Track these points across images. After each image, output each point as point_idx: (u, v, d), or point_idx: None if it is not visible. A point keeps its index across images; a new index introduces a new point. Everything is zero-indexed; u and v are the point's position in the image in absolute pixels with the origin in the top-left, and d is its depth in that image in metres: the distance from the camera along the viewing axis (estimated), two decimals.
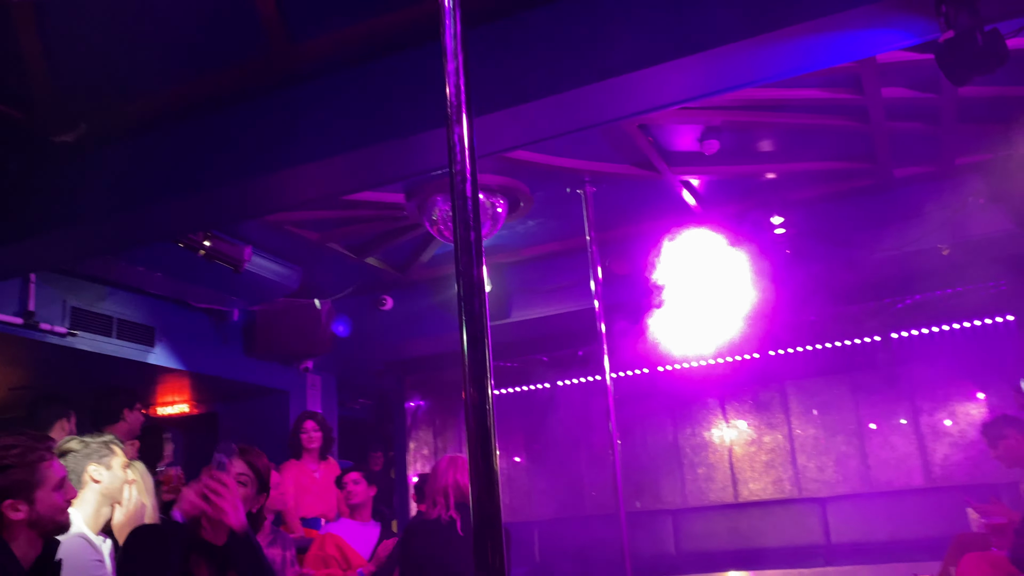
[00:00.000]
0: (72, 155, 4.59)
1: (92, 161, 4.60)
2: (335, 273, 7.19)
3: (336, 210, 5.93)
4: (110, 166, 4.57)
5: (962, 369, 8.82)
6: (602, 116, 3.97)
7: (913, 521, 8.33)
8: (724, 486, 9.78)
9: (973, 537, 5.36)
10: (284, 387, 7.95)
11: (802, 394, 9.74)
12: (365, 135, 3.89)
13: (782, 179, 6.16)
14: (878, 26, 3.33)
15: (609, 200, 6.00)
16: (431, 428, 11.36)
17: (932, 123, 5.35)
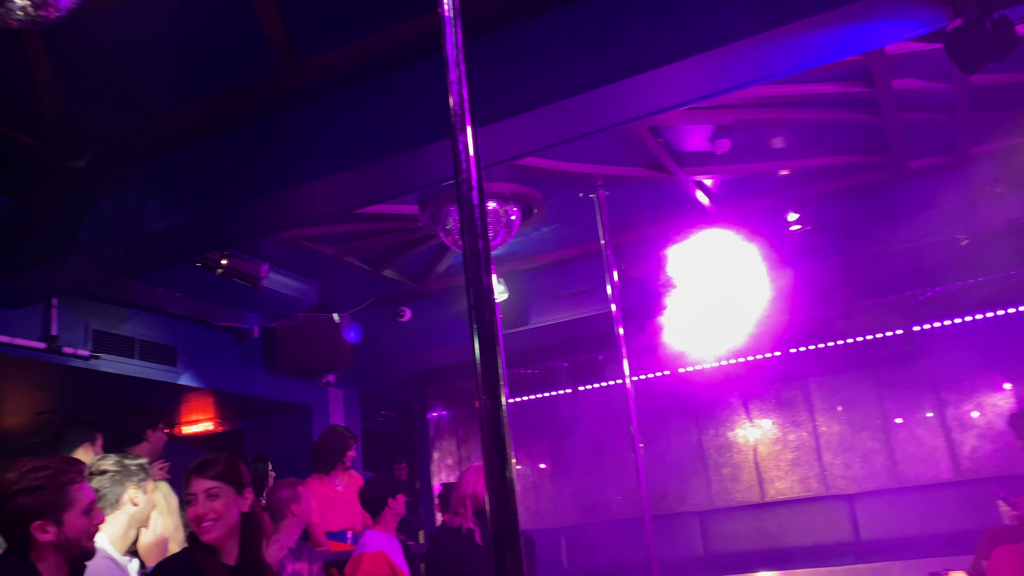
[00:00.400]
0: (88, 179, 4.65)
1: (108, 185, 4.66)
2: (353, 287, 7.22)
3: (351, 224, 5.96)
4: (125, 189, 4.63)
5: (987, 360, 8.72)
6: (610, 119, 3.98)
7: (943, 515, 8.23)
8: (750, 486, 9.71)
9: (1004, 530, 5.30)
10: (307, 402, 7.98)
11: (825, 391, 9.66)
12: (375, 148, 3.92)
13: (796, 175, 6.13)
14: (886, 17, 3.32)
15: (622, 203, 5.99)
16: (454, 438, 11.38)
17: (945, 113, 5.31)
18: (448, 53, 1.86)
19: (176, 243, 4.79)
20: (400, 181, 4.19)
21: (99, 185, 4.67)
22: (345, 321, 7.43)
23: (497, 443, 1.72)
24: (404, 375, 9.31)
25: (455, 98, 1.83)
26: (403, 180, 4.17)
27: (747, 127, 5.32)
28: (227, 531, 2.76)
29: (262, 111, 4.19)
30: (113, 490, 3.24)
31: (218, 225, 4.62)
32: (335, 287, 7.06)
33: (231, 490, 2.85)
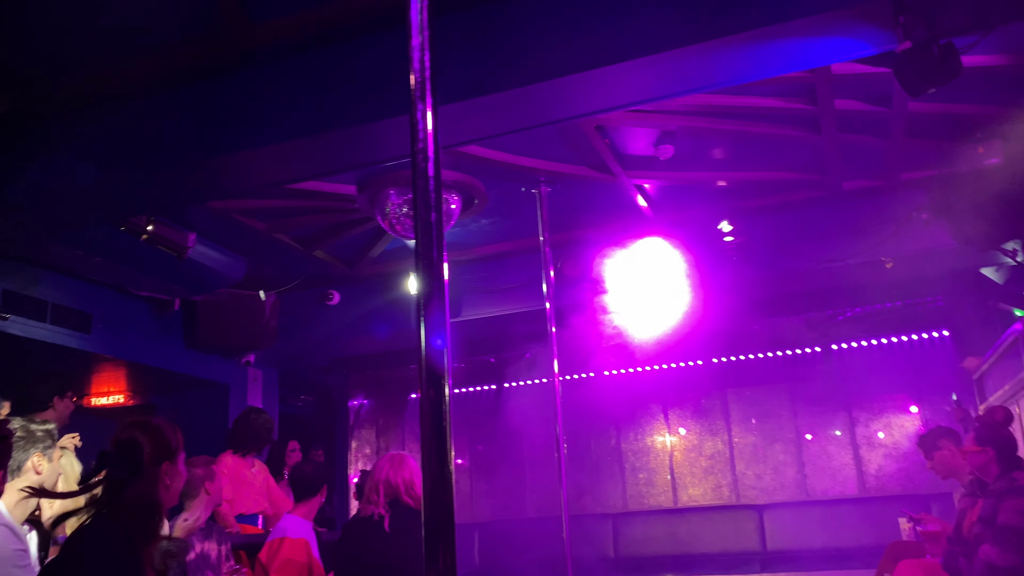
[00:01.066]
0: (9, 130, 4.41)
1: (31, 138, 4.43)
2: (281, 265, 7.04)
3: (285, 200, 5.80)
4: (50, 144, 4.41)
5: (898, 382, 9.04)
6: (562, 113, 3.97)
7: (847, 529, 8.48)
8: (664, 491, 9.86)
9: (907, 545, 5.47)
10: (224, 380, 7.76)
11: (743, 402, 9.87)
12: (318, 121, 3.82)
13: (733, 187, 6.23)
14: (837, 34, 3.38)
15: (563, 201, 5.99)
16: (374, 427, 11.23)
17: (881, 137, 5.45)
18: (412, 17, 1.79)
19: (101, 205, 4.60)
20: (342, 157, 4.09)
21: (21, 137, 4.43)
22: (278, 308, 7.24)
23: (437, 434, 1.66)
24: (327, 360, 9.14)
25: (416, 64, 1.77)
26: (345, 156, 4.06)
27: (691, 135, 5.38)
28: None
29: (203, 73, 4.03)
30: (16, 456, 3.06)
31: (147, 189, 4.44)
32: (263, 264, 6.87)
33: None
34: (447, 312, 1.73)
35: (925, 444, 5.43)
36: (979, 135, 5.16)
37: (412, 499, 3.81)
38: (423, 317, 1.70)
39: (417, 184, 1.74)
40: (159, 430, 2.65)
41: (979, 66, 4.39)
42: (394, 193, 5.46)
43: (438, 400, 1.69)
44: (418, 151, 1.74)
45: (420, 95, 1.76)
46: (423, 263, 1.71)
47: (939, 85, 3.20)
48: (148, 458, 2.56)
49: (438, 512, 1.63)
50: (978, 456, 4.45)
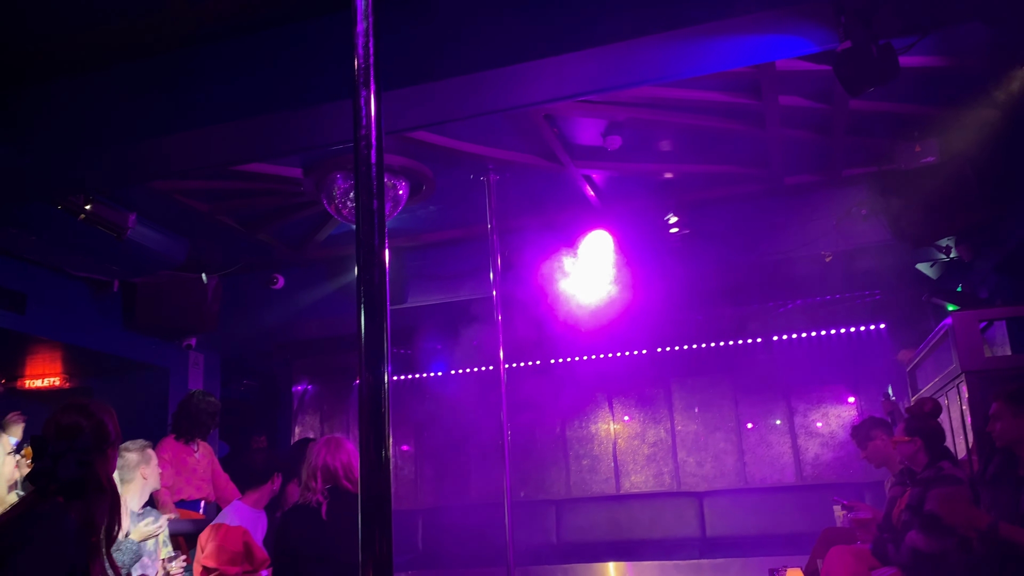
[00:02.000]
0: None
1: None
2: (225, 247, 6.92)
3: (229, 181, 5.71)
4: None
5: (836, 373, 9.28)
6: (507, 102, 3.98)
7: (784, 516, 8.69)
8: (607, 478, 9.98)
9: (839, 531, 5.63)
10: (164, 364, 7.62)
11: (685, 391, 10.02)
12: (264, 102, 3.76)
13: (679, 179, 6.30)
14: (780, 31, 3.44)
15: (511, 190, 6.00)
16: (318, 413, 11.15)
17: (823, 133, 5.57)
18: (357, 3, 1.78)
19: (37, 184, 4.47)
20: (285, 140, 4.04)
21: None
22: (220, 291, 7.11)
23: (375, 419, 1.67)
24: (270, 344, 9.03)
25: (360, 50, 1.76)
26: (291, 139, 4.01)
27: (638, 127, 5.42)
28: None
29: (145, 50, 3.94)
30: None
31: (85, 168, 4.33)
32: (205, 246, 6.75)
33: None
34: (387, 299, 1.73)
35: (858, 434, 5.59)
36: (916, 134, 5.31)
37: (351, 483, 3.77)
38: (362, 303, 1.70)
39: (360, 171, 1.74)
40: (98, 414, 2.61)
41: (917, 66, 4.50)
42: (340, 177, 5.41)
43: (376, 385, 1.69)
44: (360, 138, 1.74)
45: (364, 81, 1.75)
46: (364, 250, 1.71)
47: (877, 85, 3.28)
48: (92, 443, 2.53)
49: (375, 497, 1.63)
50: (907, 446, 4.60)
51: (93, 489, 2.50)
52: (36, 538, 2.33)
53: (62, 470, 2.47)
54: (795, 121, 5.41)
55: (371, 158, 1.73)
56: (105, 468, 2.57)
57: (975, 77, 4.78)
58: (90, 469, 2.51)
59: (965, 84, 4.86)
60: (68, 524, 2.38)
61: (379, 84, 1.75)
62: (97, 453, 2.54)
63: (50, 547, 2.32)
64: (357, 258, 1.71)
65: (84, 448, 2.51)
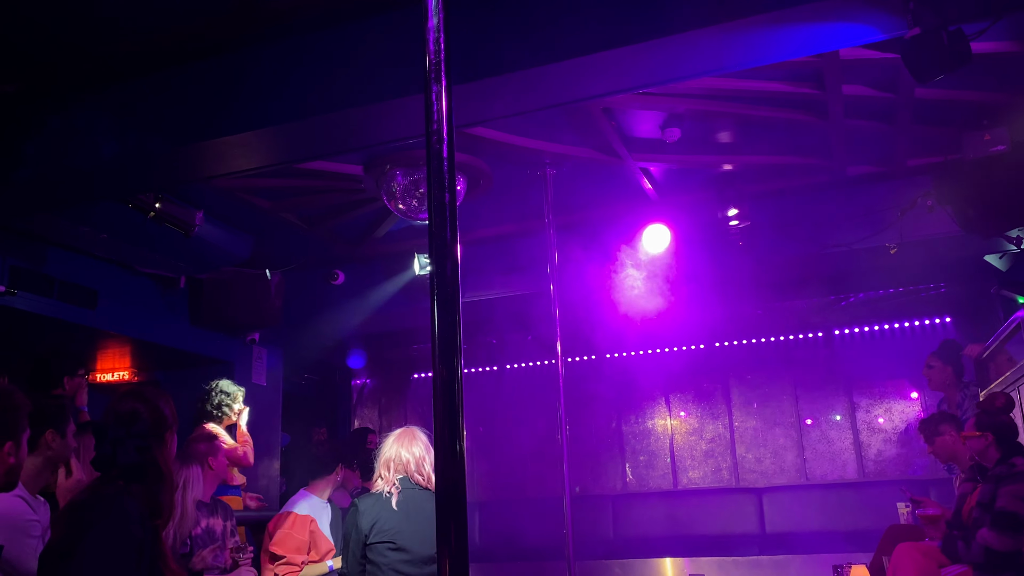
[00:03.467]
0: (19, 107, 4.42)
1: (40, 114, 4.44)
2: (287, 244, 7.06)
3: (291, 179, 5.82)
4: (60, 120, 4.42)
5: (898, 367, 9.08)
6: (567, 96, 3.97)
7: (846, 513, 8.56)
8: (664, 474, 9.93)
9: (904, 528, 5.53)
10: (229, 358, 7.79)
11: (744, 386, 9.91)
12: (328, 101, 3.82)
13: (739, 171, 6.22)
14: (846, 19, 3.38)
15: (568, 183, 6.00)
16: (376, 406, 11.30)
17: (887, 123, 5.44)
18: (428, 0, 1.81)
19: (110, 181, 4.61)
20: (349, 137, 4.10)
21: (30, 114, 4.44)
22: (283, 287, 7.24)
23: (450, 412, 1.69)
24: (331, 339, 9.16)
25: (432, 46, 1.79)
26: (353, 136, 4.07)
27: (697, 118, 5.37)
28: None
29: (213, 50, 4.04)
30: (32, 431, 3.10)
31: (156, 166, 4.45)
32: (268, 242, 6.89)
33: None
34: (459, 292, 1.76)
35: (926, 429, 5.48)
36: (985, 122, 5.16)
37: (421, 476, 3.82)
38: (436, 296, 1.73)
39: (431, 165, 1.76)
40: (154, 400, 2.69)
41: (987, 53, 4.38)
42: (400, 173, 5.47)
43: (451, 378, 1.72)
44: (432, 132, 1.76)
45: (435, 77, 1.78)
46: (436, 243, 1.74)
47: (947, 72, 3.20)
48: (149, 428, 2.61)
49: (450, 489, 1.65)
50: (978, 441, 4.50)
51: (152, 473, 2.58)
52: (102, 520, 2.41)
53: (121, 455, 2.55)
54: (858, 111, 5.30)
55: (443, 152, 1.76)
56: (163, 452, 2.65)
57: None
58: (148, 454, 2.59)
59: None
60: (131, 506, 2.46)
61: (450, 79, 1.78)
62: (155, 438, 2.62)
63: (117, 528, 2.40)
64: (430, 251, 1.74)
65: (142, 433, 2.59)
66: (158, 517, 2.56)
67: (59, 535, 2.47)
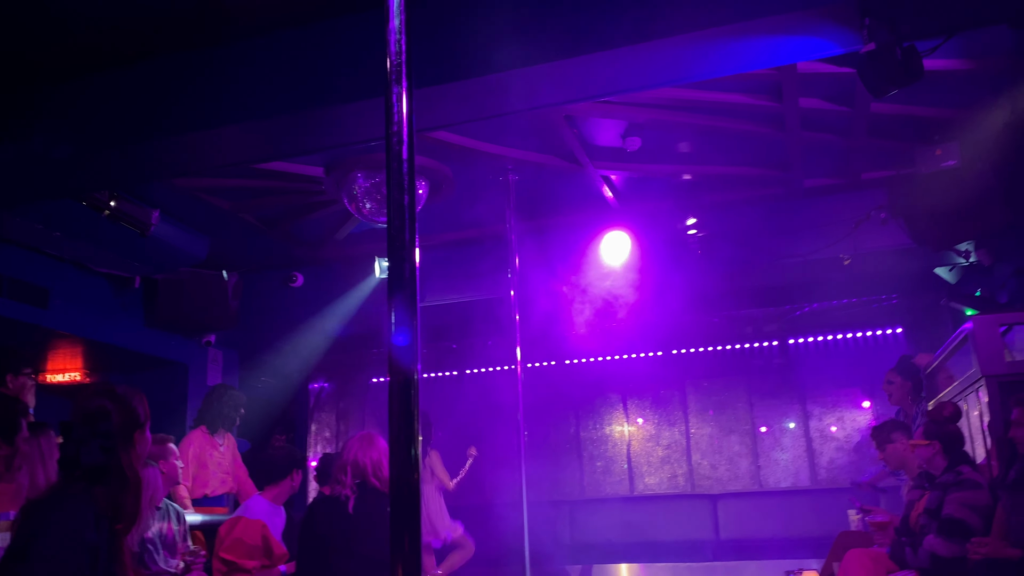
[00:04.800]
0: None
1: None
2: (245, 245, 6.98)
3: (251, 179, 5.76)
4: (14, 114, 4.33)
5: (851, 376, 9.24)
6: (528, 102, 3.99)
7: (799, 520, 8.67)
8: (621, 479, 9.98)
9: (855, 535, 5.61)
10: (184, 360, 7.69)
11: (700, 393, 10.01)
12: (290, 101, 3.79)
13: (698, 181, 6.30)
14: (805, 33, 3.45)
15: (530, 190, 6.02)
16: (334, 411, 11.20)
17: (843, 136, 5.55)
18: (390, 1, 1.81)
19: (62, 178, 4.52)
20: (312, 138, 4.08)
21: None
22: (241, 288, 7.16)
23: (405, 417, 1.69)
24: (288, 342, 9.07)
25: (393, 47, 1.79)
26: (315, 137, 4.05)
27: (658, 128, 5.43)
28: None
29: (174, 47, 3.98)
30: None
31: (112, 164, 4.37)
32: (226, 243, 6.81)
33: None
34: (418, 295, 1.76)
35: (879, 436, 5.58)
36: (937, 137, 5.29)
37: (379, 481, 3.80)
38: (394, 299, 1.73)
39: (391, 167, 1.76)
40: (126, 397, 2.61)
41: (940, 70, 4.49)
42: (361, 176, 5.44)
43: (407, 383, 1.72)
44: (392, 134, 1.76)
45: (396, 78, 1.78)
46: (395, 245, 1.73)
47: (901, 87, 3.28)
48: (118, 428, 2.53)
49: (405, 494, 1.65)
50: (926, 450, 4.59)
51: (116, 475, 2.49)
52: (55, 523, 2.35)
53: (85, 456, 2.47)
54: (815, 123, 5.40)
55: (403, 154, 1.76)
56: (130, 454, 2.56)
57: (998, 80, 4.76)
58: (113, 455, 2.50)
59: (988, 87, 4.85)
60: (87, 510, 2.40)
61: (411, 81, 1.78)
62: (122, 438, 2.53)
63: (68, 532, 2.34)
64: (388, 253, 1.74)
65: (107, 433, 2.50)
66: (119, 521, 2.48)
67: (14, 536, 2.41)
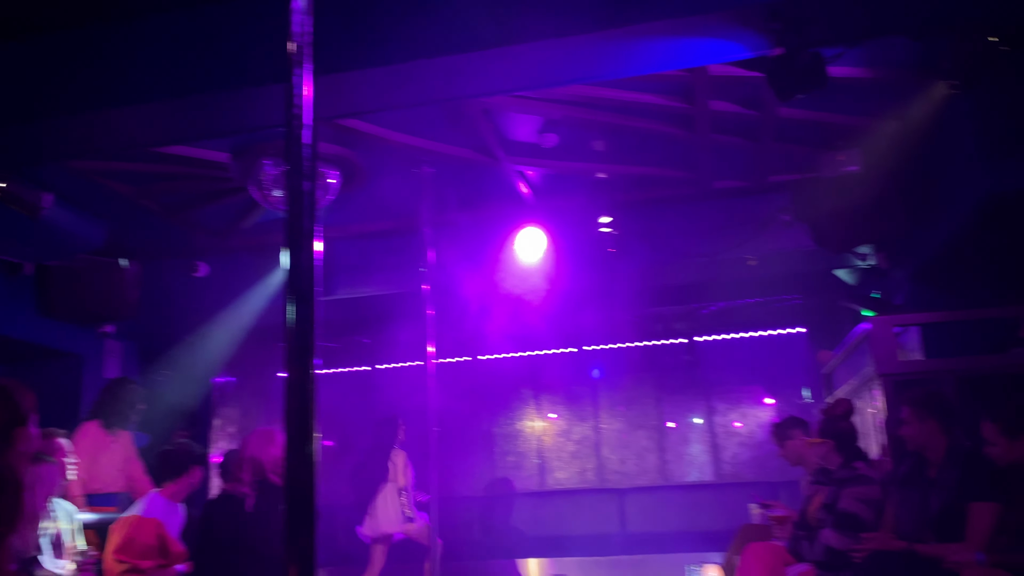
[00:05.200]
0: None
1: None
2: (146, 233, 6.71)
3: (153, 164, 5.53)
4: None
5: (755, 375, 9.52)
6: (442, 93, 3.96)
7: (703, 514, 8.87)
8: (532, 474, 10.03)
9: (755, 528, 5.76)
10: (78, 351, 7.34)
11: (611, 390, 10.14)
12: (196, 81, 3.65)
13: (612, 179, 6.36)
14: (715, 35, 3.50)
15: (444, 182, 5.96)
16: (238, 406, 10.90)
17: (751, 139, 5.69)
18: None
19: None
20: (216, 122, 3.93)
21: None
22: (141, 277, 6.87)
23: (302, 413, 1.63)
24: (191, 334, 8.77)
25: (297, 28, 1.72)
26: (220, 121, 3.91)
27: (574, 125, 5.46)
28: None
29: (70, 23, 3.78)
30: None
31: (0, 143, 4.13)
32: (126, 230, 6.52)
33: None
34: (317, 286, 1.69)
35: (778, 432, 5.74)
36: (840, 143, 5.47)
37: (278, 477, 3.69)
38: (292, 290, 1.66)
39: (291, 151, 1.70)
40: (9, 392, 2.47)
41: (844, 77, 4.64)
42: (269, 164, 5.29)
43: (303, 377, 1.65)
44: (294, 117, 1.69)
45: (299, 61, 1.71)
46: (293, 233, 1.67)
47: (806, 92, 3.36)
48: None
49: (300, 492, 1.60)
50: (820, 446, 4.74)
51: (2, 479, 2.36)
52: None
53: None
54: (725, 126, 5.52)
55: (304, 138, 1.69)
56: (8, 452, 2.42)
57: (898, 90, 4.95)
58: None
59: (889, 97, 5.03)
60: None
61: (315, 63, 1.71)
62: (4, 436, 2.40)
63: None
64: (287, 242, 1.67)
65: None
66: (7, 527, 2.33)
67: None
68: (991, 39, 3.62)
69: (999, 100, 4.34)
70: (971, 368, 4.87)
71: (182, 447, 5.13)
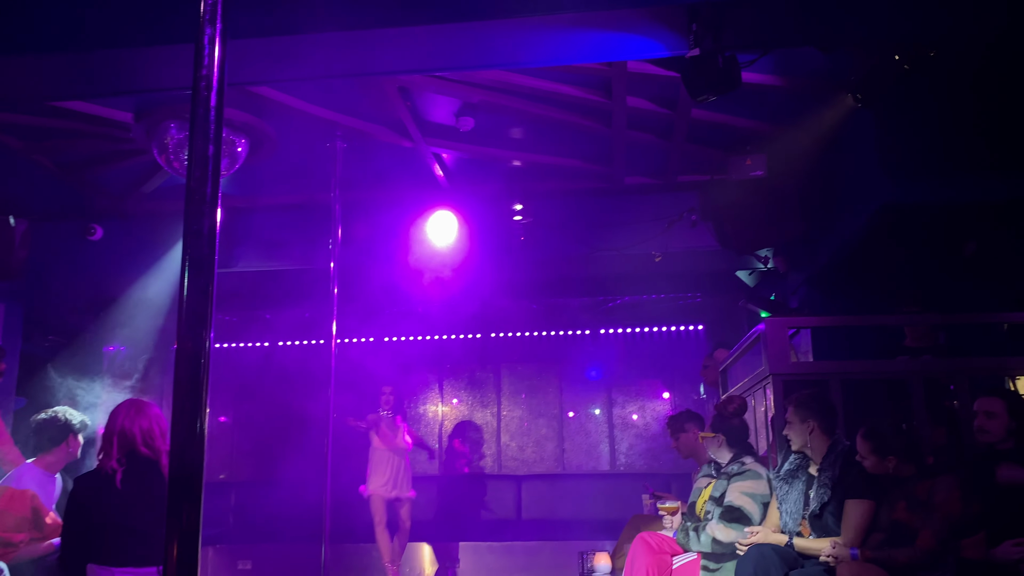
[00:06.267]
0: None
1: None
2: (39, 190, 6.38)
3: (49, 118, 5.25)
4: None
5: (654, 368, 9.74)
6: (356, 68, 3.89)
7: (596, 503, 9.04)
8: (432, 459, 10.01)
9: (646, 518, 5.89)
10: None
11: (514, 377, 10.23)
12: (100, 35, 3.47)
13: (527, 168, 6.38)
14: (635, 31, 3.54)
15: (359, 159, 5.87)
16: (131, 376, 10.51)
17: (664, 138, 5.79)
18: None
19: None
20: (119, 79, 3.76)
21: None
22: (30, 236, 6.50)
23: (192, 388, 1.56)
24: (82, 299, 8.40)
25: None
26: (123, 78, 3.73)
27: (492, 111, 5.44)
28: None
29: None
30: None
31: None
32: (16, 187, 6.19)
33: None
34: (216, 255, 1.63)
35: (673, 425, 5.87)
36: (748, 148, 5.62)
37: (150, 450, 3.53)
38: (188, 257, 1.60)
39: (196, 113, 1.63)
40: None
41: (755, 83, 4.76)
42: (175, 127, 5.10)
43: (196, 350, 1.59)
44: (201, 78, 1.63)
45: (210, 19, 1.64)
46: (194, 199, 1.60)
47: (719, 93, 3.44)
48: None
49: (186, 469, 1.53)
50: (712, 440, 4.88)
51: None
52: None
53: None
54: (640, 123, 5.60)
55: (211, 100, 1.63)
56: None
57: (805, 99, 5.12)
58: None
59: (796, 105, 5.20)
60: None
61: (226, 23, 1.65)
62: None
63: None
64: (186, 207, 1.61)
65: None
66: None
67: None
68: (895, 57, 3.78)
69: (901, 118, 4.53)
70: (857, 372, 5.08)
71: (60, 416, 4.88)
